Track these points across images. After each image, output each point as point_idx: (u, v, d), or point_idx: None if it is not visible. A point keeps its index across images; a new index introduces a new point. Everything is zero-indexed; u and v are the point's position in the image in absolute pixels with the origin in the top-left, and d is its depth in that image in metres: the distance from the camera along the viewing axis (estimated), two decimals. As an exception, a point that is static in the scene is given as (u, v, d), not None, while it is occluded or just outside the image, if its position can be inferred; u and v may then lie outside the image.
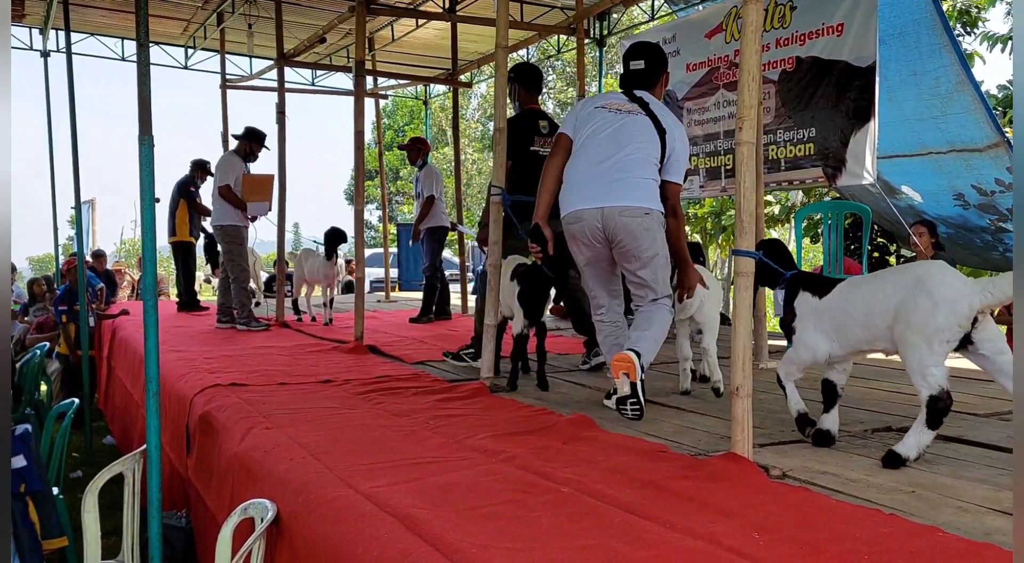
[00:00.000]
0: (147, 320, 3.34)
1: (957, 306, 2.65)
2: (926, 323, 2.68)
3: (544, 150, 5.04)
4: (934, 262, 2.89)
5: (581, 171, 3.85)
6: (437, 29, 10.79)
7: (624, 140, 3.81)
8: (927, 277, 2.73)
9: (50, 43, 11.57)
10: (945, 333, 2.67)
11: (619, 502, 2.38)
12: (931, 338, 2.67)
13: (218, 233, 7.80)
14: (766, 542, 2.06)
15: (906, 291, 2.76)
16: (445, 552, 2.03)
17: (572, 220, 3.85)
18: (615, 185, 3.75)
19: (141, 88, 3.27)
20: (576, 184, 3.86)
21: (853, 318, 2.93)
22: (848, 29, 6.86)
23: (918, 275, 2.77)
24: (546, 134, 5.19)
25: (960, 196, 8.02)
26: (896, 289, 2.80)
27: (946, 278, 2.72)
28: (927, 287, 2.70)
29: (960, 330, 2.68)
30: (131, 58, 12.47)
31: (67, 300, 8.77)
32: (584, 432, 3.32)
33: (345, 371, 5.03)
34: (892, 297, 2.80)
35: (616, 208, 3.73)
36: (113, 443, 7.46)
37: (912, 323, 2.71)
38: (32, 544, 4.00)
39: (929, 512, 2.31)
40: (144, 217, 3.27)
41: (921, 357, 2.70)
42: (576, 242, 3.90)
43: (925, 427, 2.75)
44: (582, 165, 3.86)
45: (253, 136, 7.89)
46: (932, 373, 2.69)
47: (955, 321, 2.66)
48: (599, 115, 3.91)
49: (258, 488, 3.02)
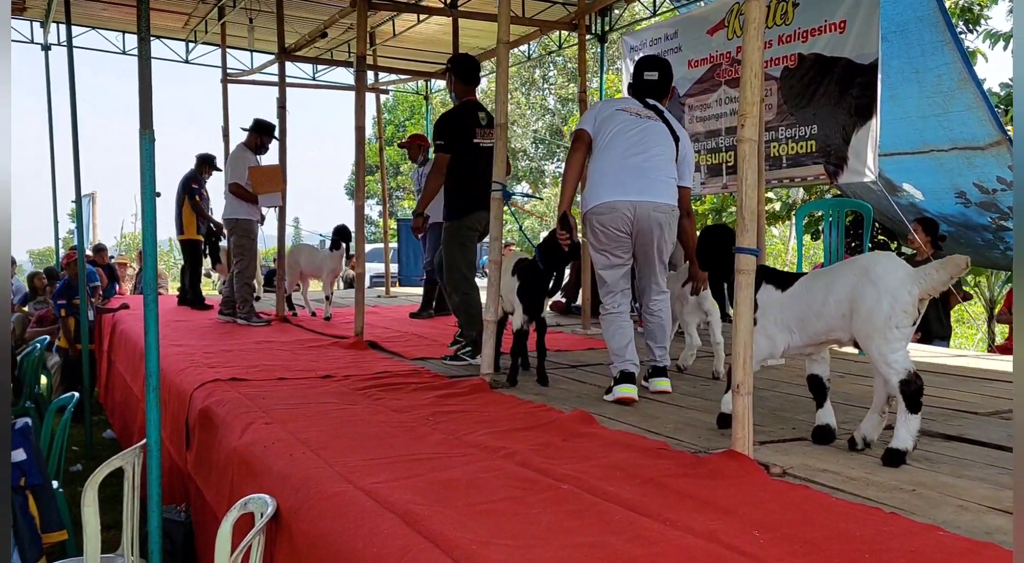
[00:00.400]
0: (147, 315, 3.33)
1: (899, 293, 2.77)
2: (874, 312, 2.80)
3: (485, 142, 5.22)
4: (879, 253, 3.05)
5: (612, 166, 4.08)
6: (438, 24, 10.77)
7: (649, 142, 4.10)
8: (871, 267, 2.86)
9: (51, 36, 11.57)
10: (894, 319, 2.78)
11: (619, 499, 2.38)
12: (883, 326, 2.79)
13: (230, 226, 7.79)
14: (766, 540, 2.06)
15: (854, 282, 2.88)
16: (445, 548, 2.03)
17: (604, 210, 4.08)
18: (647, 182, 4.05)
19: (142, 82, 3.26)
20: (608, 178, 4.08)
21: (812, 310, 3.01)
22: (850, 26, 6.85)
23: (864, 266, 2.90)
24: (485, 126, 5.30)
25: (962, 194, 8.01)
26: (847, 280, 2.92)
27: (888, 267, 2.84)
28: (871, 277, 2.83)
29: (908, 316, 2.78)
30: (132, 52, 12.45)
31: (66, 294, 8.76)
32: (584, 428, 3.32)
33: (345, 367, 5.03)
34: (844, 288, 2.91)
35: (650, 204, 4.04)
36: (113, 437, 7.46)
37: (862, 313, 2.84)
38: (32, 537, 4.01)
39: (930, 511, 2.31)
40: (145, 211, 3.26)
41: (879, 346, 2.81)
42: (603, 231, 4.11)
43: (908, 414, 2.79)
44: (613, 161, 4.09)
45: (262, 128, 7.87)
46: (894, 359, 2.78)
47: (900, 308, 2.77)
48: (621, 117, 4.14)
49: (258, 483, 3.01)
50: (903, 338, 2.79)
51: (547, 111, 32.56)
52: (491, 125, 5.25)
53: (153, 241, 3.35)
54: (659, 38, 8.99)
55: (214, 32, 11.24)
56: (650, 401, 4.01)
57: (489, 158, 4.92)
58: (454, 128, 5.28)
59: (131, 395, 6.54)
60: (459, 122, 5.31)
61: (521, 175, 32.52)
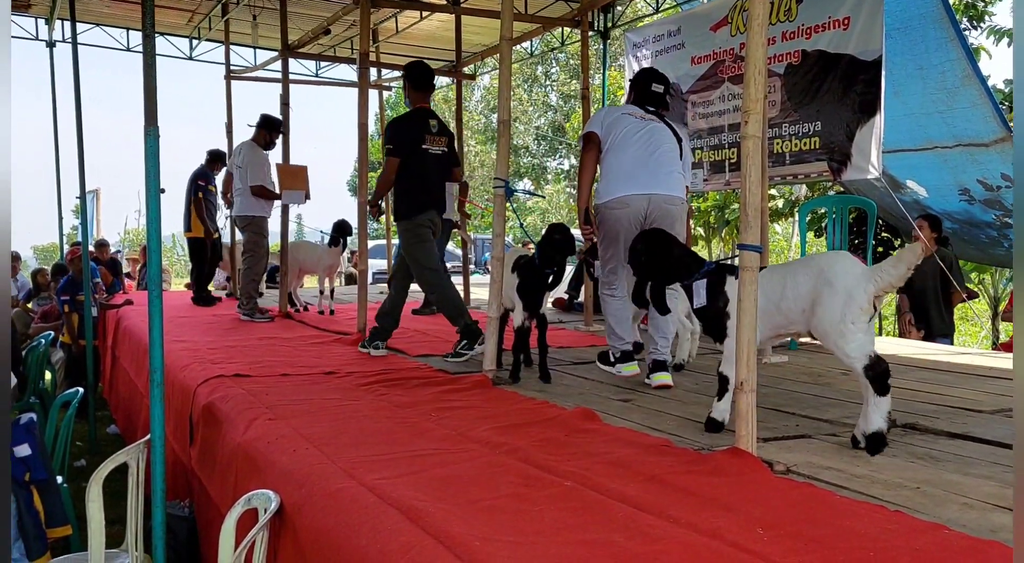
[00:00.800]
0: (152, 310, 3.33)
1: (855, 292, 2.90)
2: (832, 310, 2.93)
3: (434, 148, 5.47)
4: (835, 253, 3.20)
5: (627, 163, 4.35)
6: (441, 21, 10.75)
7: (657, 141, 4.40)
8: (828, 268, 3.00)
9: (55, 33, 11.56)
10: (850, 316, 2.90)
11: (622, 496, 2.38)
12: (839, 323, 2.92)
13: (244, 223, 7.80)
14: (770, 538, 2.05)
15: (812, 282, 3.01)
16: (448, 545, 2.03)
17: (618, 205, 4.34)
18: (660, 176, 4.35)
19: (147, 79, 3.25)
20: (622, 174, 4.35)
21: (772, 302, 3.09)
22: (854, 22, 6.82)
23: (820, 266, 3.03)
24: (436, 133, 5.51)
25: (966, 191, 8.00)
26: (805, 279, 3.04)
27: (845, 267, 2.97)
28: (828, 277, 2.96)
29: (864, 313, 2.91)
30: (136, 48, 12.45)
31: (70, 290, 8.77)
32: (587, 425, 3.32)
33: (348, 363, 5.03)
34: (803, 286, 3.04)
35: (662, 196, 4.33)
36: (117, 432, 7.47)
37: (820, 312, 2.97)
38: (37, 532, 4.02)
39: (934, 509, 2.31)
40: (149, 208, 3.26)
41: (836, 340, 2.94)
42: (616, 224, 4.37)
43: (876, 397, 2.90)
44: (626, 158, 4.36)
45: (270, 124, 7.88)
46: (851, 349, 2.91)
47: (856, 306, 2.90)
48: (627, 120, 4.44)
49: (261, 479, 3.02)
50: (859, 330, 2.91)
51: (549, 108, 32.54)
52: (442, 133, 5.55)
53: (158, 237, 3.36)
54: (662, 34, 8.97)
55: (218, 29, 11.23)
56: (652, 398, 4.01)
57: (439, 163, 5.45)
58: (404, 134, 5.49)
59: (135, 391, 6.54)
60: (409, 128, 5.51)
61: (523, 172, 32.49)
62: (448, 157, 5.65)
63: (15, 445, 4.12)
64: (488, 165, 29.74)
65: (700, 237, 14.73)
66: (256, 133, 7.89)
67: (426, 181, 5.49)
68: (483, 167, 30.01)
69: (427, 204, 5.51)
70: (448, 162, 5.66)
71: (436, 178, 5.55)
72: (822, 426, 3.37)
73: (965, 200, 8.13)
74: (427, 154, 5.46)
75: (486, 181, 29.53)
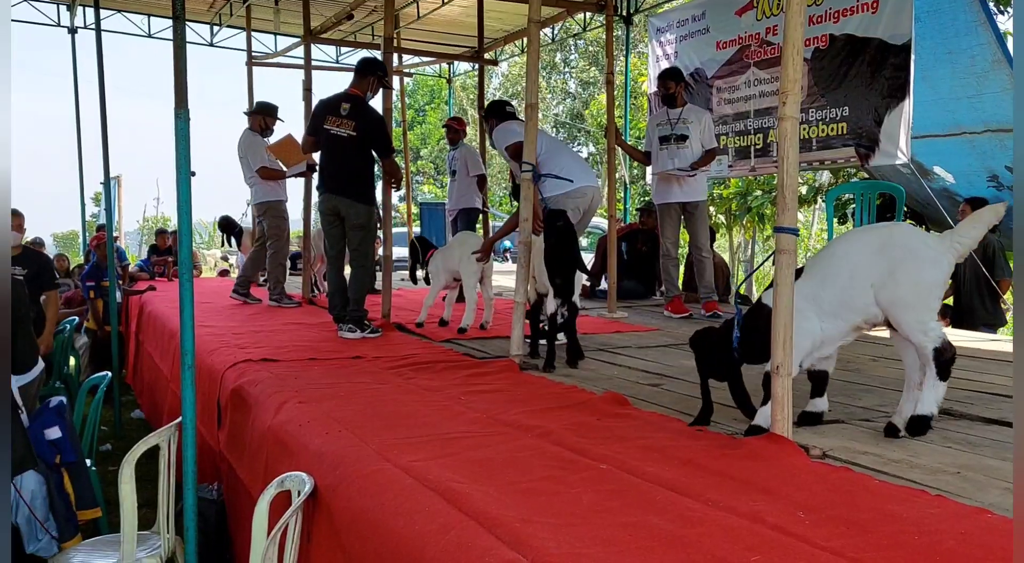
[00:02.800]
0: (183, 294, 3.33)
1: (940, 261, 2.76)
2: (918, 281, 2.76)
3: (335, 129, 5.60)
4: (900, 224, 3.07)
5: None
6: (462, 6, 10.71)
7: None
8: (909, 238, 2.83)
9: (77, 19, 11.60)
10: (936, 290, 2.79)
11: (659, 480, 2.36)
12: (925, 295, 2.77)
13: (263, 210, 7.79)
14: (811, 521, 2.04)
15: (882, 253, 2.81)
16: (488, 526, 2.03)
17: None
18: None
19: (177, 61, 3.26)
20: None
21: (831, 290, 2.89)
22: (883, 6, 6.75)
23: (898, 237, 2.84)
24: (344, 116, 5.62)
25: (994, 177, 7.89)
26: (873, 253, 2.84)
27: (926, 238, 2.86)
28: (911, 247, 2.79)
29: (945, 285, 2.81)
30: (157, 35, 12.48)
31: (95, 275, 8.82)
32: (617, 410, 3.31)
33: (374, 348, 5.03)
34: (872, 261, 2.83)
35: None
36: (142, 417, 7.53)
37: (902, 283, 2.77)
38: (67, 514, 4.05)
39: (976, 493, 2.28)
40: (180, 191, 3.26)
41: (918, 315, 2.77)
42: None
43: (937, 380, 2.80)
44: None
45: (267, 110, 7.87)
46: (931, 327, 2.76)
47: (942, 278, 2.78)
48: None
49: (293, 461, 3.02)
50: (937, 308, 2.81)
51: (568, 95, 32.38)
52: (351, 117, 5.59)
53: (188, 221, 3.35)
54: (686, 19, 8.91)
55: (239, 15, 11.23)
56: (681, 383, 3.99)
57: (340, 145, 5.59)
58: (315, 111, 5.86)
59: (159, 375, 6.58)
60: (320, 106, 5.79)
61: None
62: (355, 141, 5.60)
63: (46, 428, 4.16)
64: (504, 152, 29.59)
65: (721, 225, 14.63)
66: (252, 121, 7.89)
67: (325, 162, 5.77)
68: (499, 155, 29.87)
69: (321, 186, 5.76)
70: (356, 147, 5.62)
71: (336, 160, 5.66)
72: (855, 412, 3.34)
73: (993, 186, 8.03)
74: (328, 134, 5.61)
75: (503, 169, 29.43)
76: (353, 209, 5.64)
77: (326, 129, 5.61)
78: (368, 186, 5.79)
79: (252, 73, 10.14)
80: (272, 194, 7.72)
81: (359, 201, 5.64)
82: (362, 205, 5.64)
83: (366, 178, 5.79)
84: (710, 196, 11.99)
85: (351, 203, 5.63)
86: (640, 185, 18.60)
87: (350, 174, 5.66)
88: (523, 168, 4.66)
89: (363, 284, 5.71)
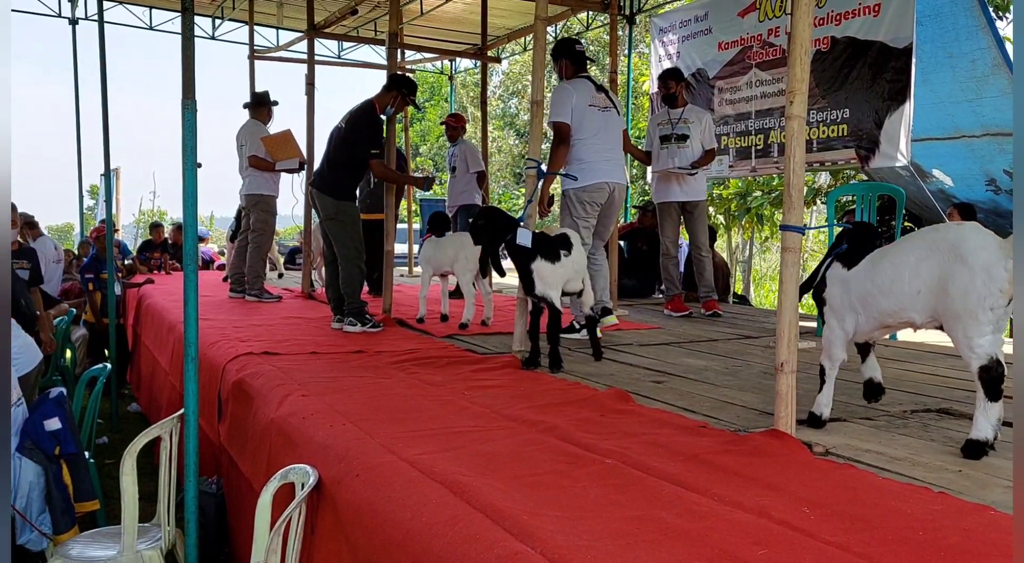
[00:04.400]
0: (187, 286, 3.34)
1: (994, 270, 2.51)
2: (967, 292, 2.54)
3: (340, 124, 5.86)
4: (967, 224, 2.70)
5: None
6: (465, 3, 10.71)
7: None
8: (961, 242, 2.59)
9: (78, 10, 11.59)
10: (988, 300, 2.52)
11: (665, 474, 2.38)
12: (974, 308, 2.53)
13: (253, 202, 7.75)
14: (817, 517, 2.05)
15: (941, 258, 2.62)
16: (495, 519, 2.04)
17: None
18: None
19: (185, 52, 3.27)
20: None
21: (878, 287, 2.79)
22: (885, 9, 6.77)
23: (951, 240, 2.62)
24: (345, 115, 5.87)
25: (992, 181, 7.93)
26: (929, 255, 2.66)
27: (981, 241, 2.57)
28: (962, 253, 2.56)
29: (1003, 295, 2.51)
30: (159, 27, 12.46)
31: (94, 268, 8.81)
32: (621, 406, 3.32)
33: (375, 342, 5.04)
34: (924, 263, 2.66)
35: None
36: (139, 410, 7.52)
37: (951, 293, 2.57)
38: (65, 506, 4.05)
39: (978, 491, 2.30)
40: (186, 182, 3.26)
41: (966, 328, 2.57)
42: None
43: (987, 402, 2.60)
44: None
45: (260, 101, 7.86)
46: (979, 344, 2.55)
47: (996, 287, 2.51)
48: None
49: (296, 454, 3.03)
50: (994, 321, 2.54)
51: (568, 94, 32.34)
52: (347, 114, 5.82)
53: (194, 213, 3.35)
54: (689, 19, 8.92)
55: (241, 8, 11.22)
56: (684, 381, 4.00)
57: (330, 141, 5.80)
58: None
59: (158, 368, 6.58)
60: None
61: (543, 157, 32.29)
62: (341, 135, 5.73)
63: (46, 419, 4.15)
64: (504, 151, 29.61)
65: (720, 225, 14.65)
66: (258, 112, 7.85)
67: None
68: (500, 153, 29.87)
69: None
70: (340, 142, 5.73)
71: (324, 155, 5.85)
72: (856, 410, 3.35)
73: (991, 190, 8.06)
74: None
75: (503, 167, 29.42)
76: (321, 201, 5.73)
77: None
78: (341, 181, 5.71)
79: (254, 67, 10.12)
80: (263, 187, 7.65)
81: (326, 193, 5.68)
82: (328, 198, 5.66)
83: (340, 174, 5.72)
84: (710, 196, 12.02)
85: (319, 195, 5.73)
86: (639, 184, 18.60)
87: (326, 167, 5.78)
88: (527, 165, 4.67)
89: (350, 276, 5.66)
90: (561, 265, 4.29)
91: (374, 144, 5.68)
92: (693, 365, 4.41)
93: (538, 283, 4.24)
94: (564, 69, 5.40)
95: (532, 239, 4.24)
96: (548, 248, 4.27)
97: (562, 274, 4.31)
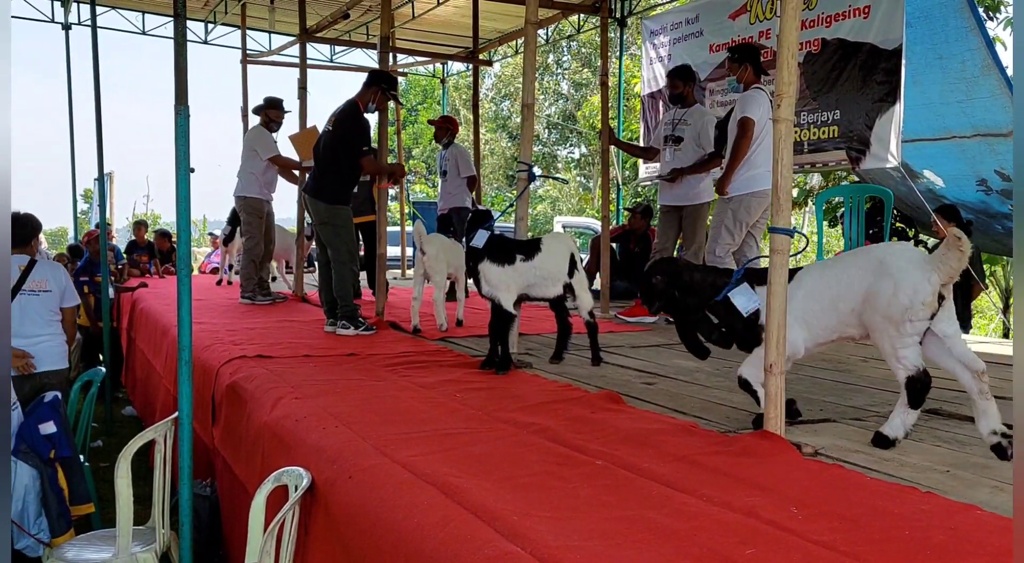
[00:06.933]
0: (180, 289, 3.35)
1: (920, 286, 2.65)
2: (891, 305, 2.67)
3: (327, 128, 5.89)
4: (896, 243, 2.88)
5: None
6: (457, 7, 10.73)
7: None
8: (889, 258, 2.74)
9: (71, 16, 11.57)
10: (911, 313, 2.65)
11: (655, 475, 2.40)
12: (899, 321, 2.67)
13: (240, 203, 7.75)
14: (805, 516, 2.07)
15: (870, 274, 2.76)
16: (486, 519, 2.06)
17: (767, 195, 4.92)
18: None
19: (177, 58, 3.28)
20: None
21: (820, 304, 2.89)
22: (875, 11, 6.81)
23: (880, 257, 2.77)
24: (332, 116, 5.86)
25: (983, 182, 7.97)
26: (859, 272, 2.80)
27: (906, 257, 2.73)
28: (889, 269, 2.70)
29: (927, 308, 2.65)
30: (152, 32, 12.46)
31: (88, 271, 8.79)
32: (612, 407, 3.35)
33: (369, 345, 5.05)
34: (856, 280, 2.80)
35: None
36: (133, 414, 7.52)
37: (878, 307, 2.71)
38: (60, 509, 4.06)
39: (965, 491, 2.32)
40: (179, 187, 3.28)
41: (892, 340, 2.71)
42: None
43: (908, 408, 2.76)
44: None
45: (270, 104, 7.88)
46: (905, 355, 2.69)
47: (919, 300, 2.64)
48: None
49: (290, 456, 3.04)
50: (917, 333, 2.69)
51: (560, 96, 32.42)
52: (334, 115, 5.81)
53: (187, 217, 3.36)
54: (679, 22, 8.96)
55: (234, 13, 11.23)
56: (673, 382, 4.02)
57: (321, 144, 5.81)
58: None
59: (152, 372, 6.58)
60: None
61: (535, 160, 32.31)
62: (331, 138, 5.75)
63: (41, 422, 4.16)
64: (497, 153, 29.64)
65: (711, 227, 14.66)
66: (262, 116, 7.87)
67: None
68: (492, 155, 29.92)
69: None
70: (331, 144, 5.75)
71: (316, 160, 5.87)
72: (846, 411, 3.38)
73: (982, 190, 8.10)
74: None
75: (496, 169, 29.45)
76: (314, 206, 5.75)
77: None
78: (333, 185, 5.72)
79: (247, 71, 10.14)
80: (251, 190, 7.62)
81: (318, 198, 5.70)
82: (321, 202, 5.68)
83: (333, 178, 5.72)
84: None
85: (312, 200, 5.76)
86: (631, 186, 18.63)
87: (319, 171, 5.79)
88: (518, 168, 4.69)
89: (343, 279, 5.67)
90: (514, 269, 4.26)
91: (363, 141, 5.71)
92: (684, 367, 4.43)
93: (484, 284, 4.29)
94: (745, 74, 5.50)
95: (486, 241, 4.27)
96: (500, 251, 4.26)
97: (513, 278, 4.27)
